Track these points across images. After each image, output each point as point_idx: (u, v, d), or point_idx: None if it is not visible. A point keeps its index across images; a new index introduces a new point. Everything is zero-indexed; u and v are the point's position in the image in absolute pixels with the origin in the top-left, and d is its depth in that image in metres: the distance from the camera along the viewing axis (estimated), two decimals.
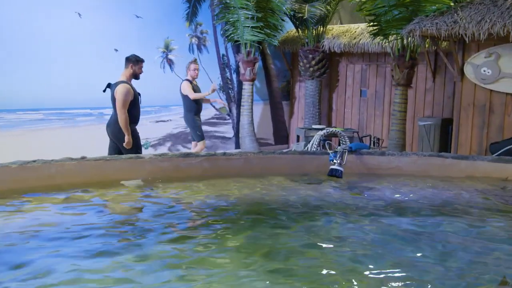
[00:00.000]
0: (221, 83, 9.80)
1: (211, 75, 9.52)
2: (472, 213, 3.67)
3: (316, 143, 5.94)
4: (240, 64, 9.30)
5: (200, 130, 7.68)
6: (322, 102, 10.28)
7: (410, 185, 4.58)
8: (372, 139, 8.69)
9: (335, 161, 4.77)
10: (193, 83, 7.58)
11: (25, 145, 7.21)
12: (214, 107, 9.62)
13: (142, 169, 4.39)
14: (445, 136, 8.37)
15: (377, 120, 9.91)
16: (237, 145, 9.92)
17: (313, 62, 9.72)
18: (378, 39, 8.31)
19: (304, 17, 9.17)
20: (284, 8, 9.07)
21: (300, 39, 9.91)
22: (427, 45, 8.21)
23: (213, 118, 9.74)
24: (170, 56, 8.86)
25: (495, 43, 7.15)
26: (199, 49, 9.32)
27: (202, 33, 9.35)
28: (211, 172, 4.60)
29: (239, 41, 9.08)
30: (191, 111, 7.56)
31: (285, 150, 5.31)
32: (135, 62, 5.71)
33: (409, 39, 7.64)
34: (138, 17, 8.36)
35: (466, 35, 6.77)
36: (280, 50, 10.49)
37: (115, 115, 5.65)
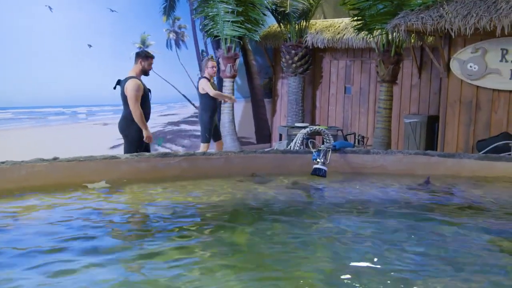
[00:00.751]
0: None
1: (190, 72, 9.25)
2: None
3: (299, 141, 5.81)
4: (220, 60, 9.10)
5: (209, 132, 7.36)
6: (306, 100, 10.11)
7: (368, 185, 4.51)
8: (357, 137, 8.60)
9: (318, 160, 4.74)
10: (211, 81, 7.27)
11: None
12: (193, 105, 9.36)
13: (118, 170, 4.27)
14: (431, 134, 8.29)
15: (362, 118, 9.78)
16: None
17: (296, 58, 9.55)
18: (362, 34, 8.21)
19: (286, 11, 9.03)
20: (265, 2, 8.94)
21: (282, 34, 9.73)
22: (412, 40, 8.10)
23: (192, 116, 9.47)
24: None
25: (481, 38, 7.08)
26: (177, 45, 9.04)
27: (180, 28, 9.08)
28: (190, 173, 4.48)
29: (219, 36, 8.88)
30: (207, 111, 7.26)
31: (267, 149, 5.15)
32: (144, 57, 5.67)
33: (394, 34, 7.55)
34: (113, 11, 8.08)
35: (452, 29, 6.69)
36: (262, 46, 10.30)
37: (124, 111, 5.65)
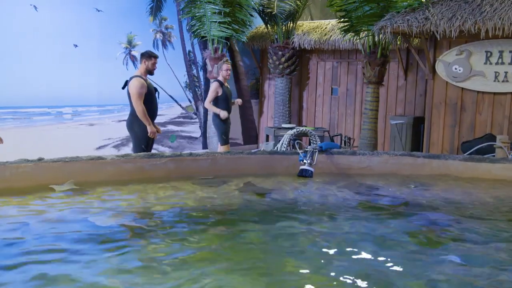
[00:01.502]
0: (188, 80, 9.49)
1: (177, 73, 9.21)
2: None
3: (286, 142, 5.79)
4: (207, 61, 9.05)
5: (226, 134, 7.18)
6: (292, 101, 10.11)
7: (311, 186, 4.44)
8: (343, 138, 8.59)
9: (305, 161, 4.70)
10: (225, 84, 7.08)
11: None
12: (180, 106, 9.31)
13: (104, 170, 4.19)
14: (417, 135, 8.34)
15: (349, 119, 9.81)
16: (205, 145, 9.64)
17: (283, 59, 9.55)
18: (349, 35, 8.22)
19: (274, 13, 9.03)
20: (252, 3, 8.92)
21: (269, 35, 9.73)
22: (398, 42, 8.16)
23: (179, 117, 9.43)
24: (134, 53, 8.49)
25: (466, 40, 7.15)
26: (164, 45, 8.98)
27: (167, 28, 9.03)
28: (176, 174, 4.41)
29: (206, 37, 8.83)
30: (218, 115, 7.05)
31: (254, 150, 5.12)
32: (147, 57, 5.82)
33: (380, 36, 7.58)
34: (99, 10, 7.99)
35: (437, 32, 6.77)
36: (249, 47, 10.28)
37: (131, 109, 5.85)
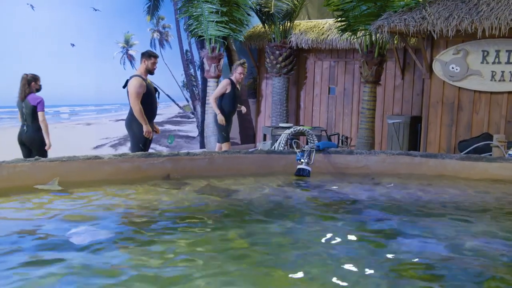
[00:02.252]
0: (185, 80, 9.49)
1: (174, 72, 9.21)
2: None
3: (283, 142, 5.78)
4: (205, 60, 9.04)
5: (226, 131, 7.26)
6: (290, 100, 10.12)
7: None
8: (341, 137, 8.60)
9: (302, 160, 4.70)
10: (236, 86, 7.12)
11: None
12: (178, 105, 9.31)
13: (101, 170, 4.18)
14: (414, 134, 8.35)
15: (346, 118, 9.82)
16: (202, 145, 9.64)
17: (280, 59, 9.55)
18: (346, 35, 8.23)
19: (271, 12, 9.03)
20: (250, 2, 8.91)
21: (266, 34, 9.73)
22: (395, 42, 8.16)
23: (176, 116, 9.42)
24: (131, 52, 8.49)
25: (463, 39, 7.16)
26: (161, 45, 8.98)
27: (164, 27, 9.03)
28: (174, 173, 4.42)
29: (203, 36, 8.83)
30: (221, 111, 7.11)
31: (251, 150, 5.12)
32: (147, 57, 5.86)
33: (378, 35, 7.58)
34: (96, 10, 7.98)
35: (434, 31, 6.78)
36: (246, 46, 10.28)
37: (129, 108, 5.86)
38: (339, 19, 8.09)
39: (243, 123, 10.59)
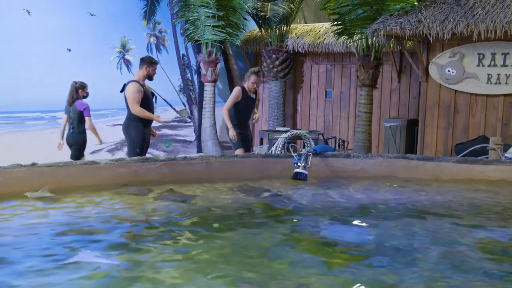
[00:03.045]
0: (182, 84, 9.49)
1: (171, 76, 9.21)
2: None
3: (280, 146, 5.78)
4: (201, 64, 9.02)
5: (239, 140, 6.85)
6: (287, 104, 10.12)
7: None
8: (337, 141, 8.60)
9: (299, 164, 4.66)
10: (249, 94, 6.78)
11: None
12: (175, 110, 9.30)
13: (98, 175, 4.14)
14: (411, 137, 8.36)
15: (343, 122, 9.83)
16: (199, 149, 9.63)
17: (277, 63, 9.56)
18: (342, 38, 8.24)
19: (267, 16, 9.03)
20: (246, 7, 8.87)
21: (263, 38, 9.74)
22: (392, 45, 8.18)
23: (173, 121, 9.41)
24: (127, 57, 8.49)
25: (459, 42, 7.18)
26: (158, 49, 8.98)
27: (161, 32, 9.04)
28: (171, 178, 4.36)
29: (199, 40, 8.81)
30: (232, 119, 6.77)
31: (248, 154, 5.11)
32: (149, 64, 5.92)
33: (374, 38, 7.59)
34: (93, 15, 7.98)
35: (430, 34, 6.79)
36: (243, 50, 10.28)
37: (127, 113, 5.95)
38: (335, 22, 8.10)
39: None
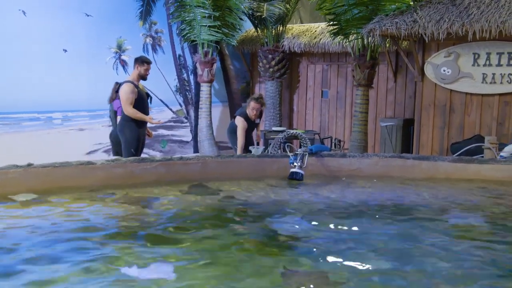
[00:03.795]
0: (178, 84, 9.49)
1: (167, 77, 9.20)
2: None
3: (277, 145, 5.79)
4: (198, 65, 9.03)
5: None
6: (283, 104, 10.14)
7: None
8: (333, 141, 8.61)
9: (295, 164, 4.69)
10: (253, 120, 6.63)
11: None
12: (171, 110, 9.30)
13: (94, 176, 4.18)
14: (407, 137, 8.38)
15: (339, 122, 9.84)
16: (196, 149, 9.62)
17: (273, 63, 9.57)
18: (338, 38, 8.25)
19: (263, 16, 9.04)
20: (242, 7, 8.89)
21: (259, 38, 9.75)
22: (387, 45, 8.20)
23: (170, 121, 9.41)
24: (124, 57, 8.48)
25: (454, 42, 7.21)
26: (154, 50, 8.98)
27: (157, 32, 9.03)
28: (167, 178, 4.43)
29: (196, 41, 8.82)
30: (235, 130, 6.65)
31: (244, 154, 5.12)
32: (140, 63, 5.92)
33: (370, 38, 7.60)
34: (88, 15, 7.97)
35: (425, 34, 6.81)
36: (239, 50, 10.28)
37: (122, 113, 5.97)
38: (331, 23, 8.11)
39: None
